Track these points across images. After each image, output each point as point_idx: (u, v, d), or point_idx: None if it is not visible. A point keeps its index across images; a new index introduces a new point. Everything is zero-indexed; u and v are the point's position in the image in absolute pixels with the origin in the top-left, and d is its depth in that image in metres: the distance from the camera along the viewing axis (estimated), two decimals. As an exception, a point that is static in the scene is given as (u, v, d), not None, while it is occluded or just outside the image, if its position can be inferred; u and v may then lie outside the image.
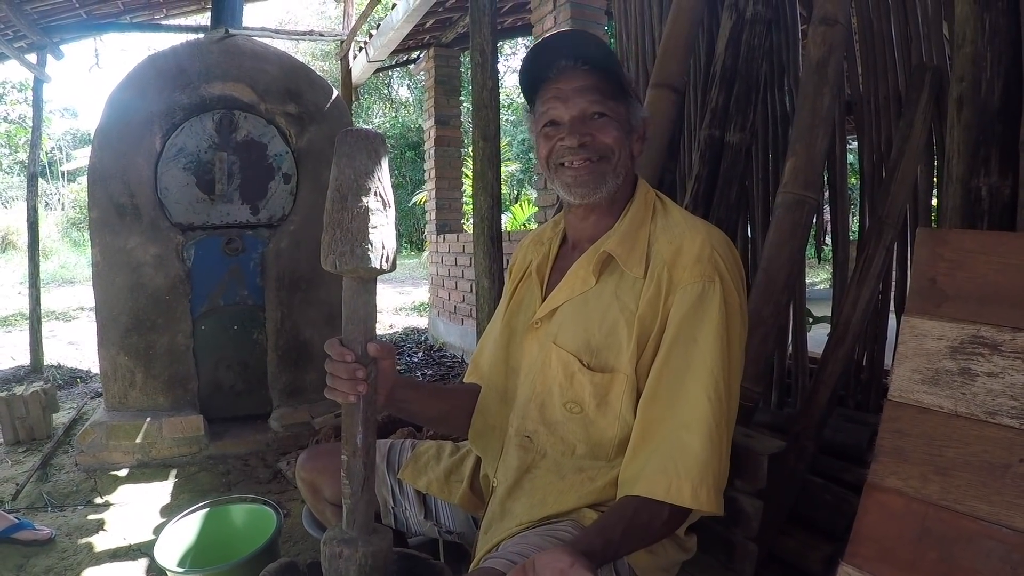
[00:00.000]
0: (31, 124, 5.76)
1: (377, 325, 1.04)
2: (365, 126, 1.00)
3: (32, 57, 5.46)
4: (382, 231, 0.99)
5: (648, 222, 1.22)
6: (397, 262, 1.04)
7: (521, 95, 1.32)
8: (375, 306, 1.05)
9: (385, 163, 1.02)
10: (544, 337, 1.24)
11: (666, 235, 1.18)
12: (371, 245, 0.98)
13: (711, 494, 1.03)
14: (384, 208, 1.00)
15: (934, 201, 2.18)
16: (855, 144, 2.35)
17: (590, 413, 1.16)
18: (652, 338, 1.13)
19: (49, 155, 22.05)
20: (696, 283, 1.10)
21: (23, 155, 18.09)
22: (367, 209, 0.98)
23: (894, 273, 2.26)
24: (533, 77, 1.24)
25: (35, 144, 5.58)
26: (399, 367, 5.64)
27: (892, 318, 2.27)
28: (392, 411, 1.29)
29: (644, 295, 1.14)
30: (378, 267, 0.99)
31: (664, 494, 1.03)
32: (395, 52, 6.69)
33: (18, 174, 19.56)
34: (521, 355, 1.30)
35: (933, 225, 2.24)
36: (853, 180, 5.37)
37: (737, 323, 1.12)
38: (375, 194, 0.99)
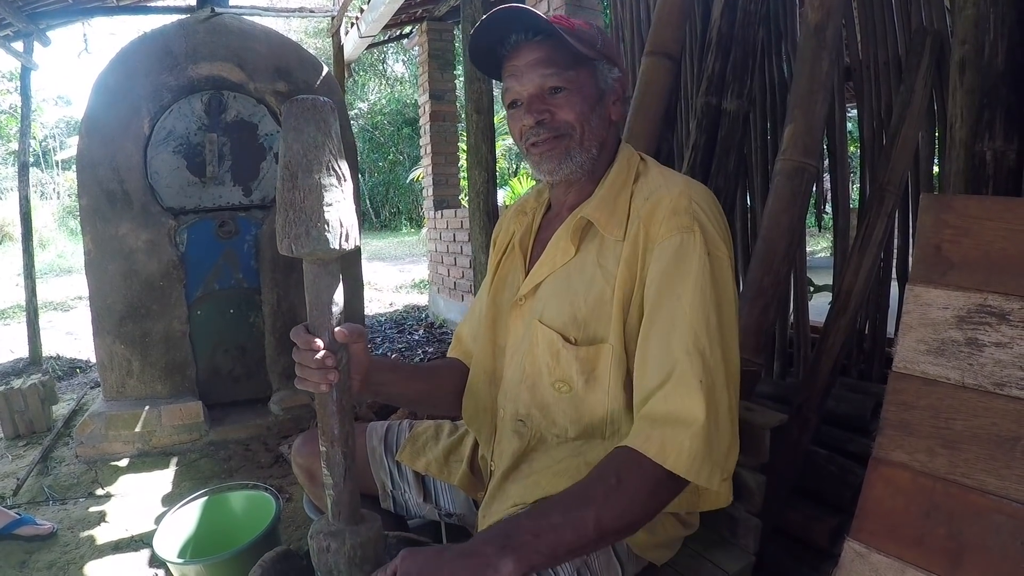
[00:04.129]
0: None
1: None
2: (320, 97, 0.92)
3: (18, 45, 5.34)
4: (338, 208, 0.92)
5: (629, 185, 1.16)
6: (361, 238, 0.97)
7: None
8: (340, 289, 0.99)
9: (336, 133, 0.93)
10: (529, 315, 1.20)
11: (643, 193, 1.12)
12: (328, 224, 0.91)
13: (714, 472, 0.94)
14: (339, 183, 0.93)
15: (935, 168, 2.14)
16: (855, 111, 2.31)
17: (579, 391, 1.12)
18: (633, 301, 1.07)
19: (43, 144, 21.91)
20: (674, 235, 1.03)
21: (15, 145, 17.97)
22: (320, 185, 0.91)
23: (895, 241, 2.23)
24: (488, 55, 1.19)
25: (25, 133, 5.50)
26: (399, 345, 5.63)
27: (894, 286, 2.24)
28: (370, 396, 1.26)
29: (623, 256, 1.08)
30: (337, 247, 0.92)
31: (656, 452, 0.94)
32: (387, 27, 6.59)
33: (12, 165, 19.41)
34: (507, 334, 1.26)
35: (935, 192, 2.20)
36: (853, 147, 5.32)
37: (725, 274, 1.04)
38: (328, 168, 0.92)
